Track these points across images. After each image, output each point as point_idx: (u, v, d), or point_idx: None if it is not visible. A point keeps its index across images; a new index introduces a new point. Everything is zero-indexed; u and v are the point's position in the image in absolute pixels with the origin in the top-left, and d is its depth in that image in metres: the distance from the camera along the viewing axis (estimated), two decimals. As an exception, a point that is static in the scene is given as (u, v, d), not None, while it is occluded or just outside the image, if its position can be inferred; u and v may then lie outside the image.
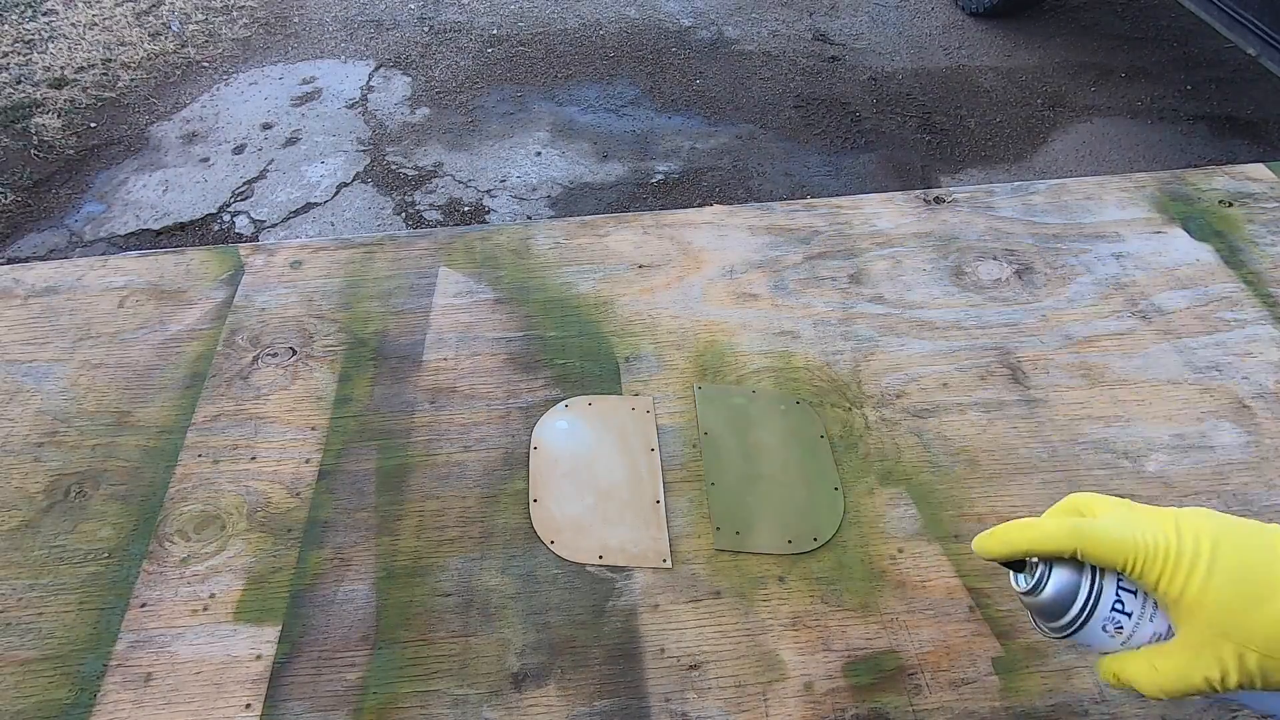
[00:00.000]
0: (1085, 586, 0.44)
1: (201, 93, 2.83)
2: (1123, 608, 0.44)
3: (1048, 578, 0.45)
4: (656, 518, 0.65)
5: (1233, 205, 0.91)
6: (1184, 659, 0.42)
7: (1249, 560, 0.41)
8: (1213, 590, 0.40)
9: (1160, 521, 0.43)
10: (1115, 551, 0.43)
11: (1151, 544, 0.42)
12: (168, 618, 0.59)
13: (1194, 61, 2.93)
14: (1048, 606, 0.45)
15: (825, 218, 0.91)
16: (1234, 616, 0.40)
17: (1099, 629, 0.44)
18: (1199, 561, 0.41)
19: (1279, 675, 0.40)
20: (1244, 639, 0.40)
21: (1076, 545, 0.44)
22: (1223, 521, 0.43)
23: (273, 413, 0.72)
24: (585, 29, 3.13)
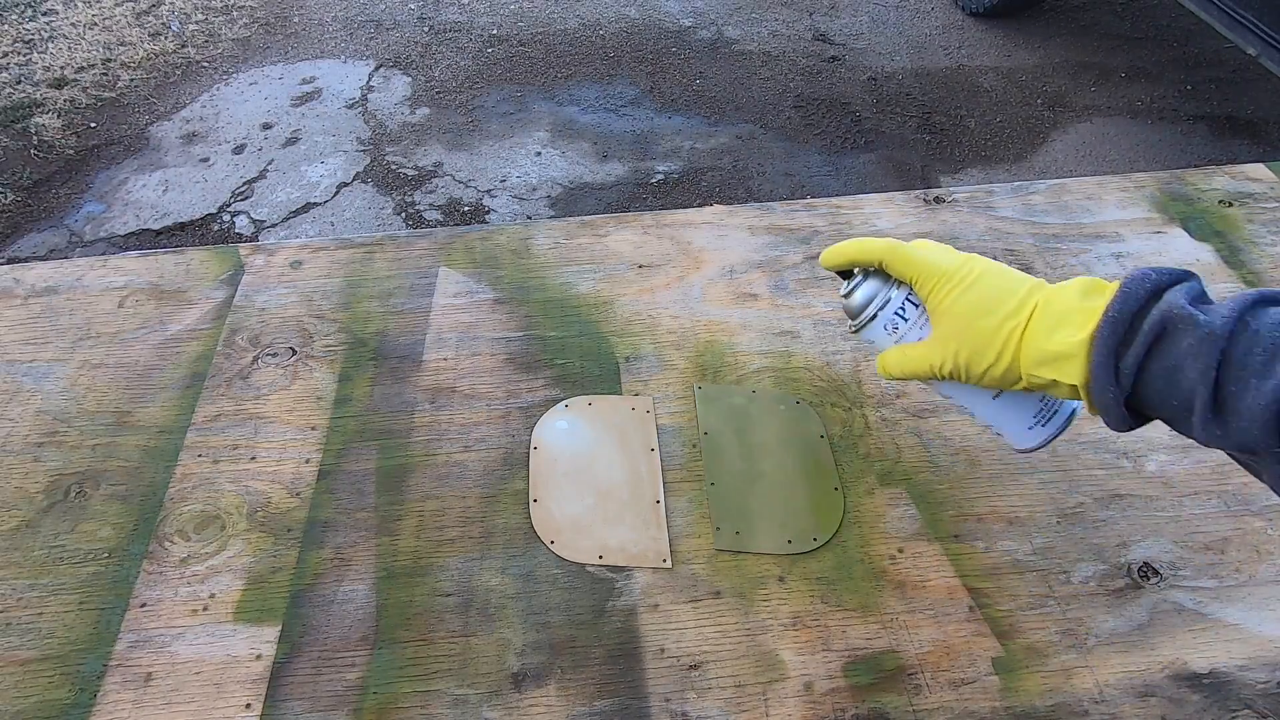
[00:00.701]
0: (882, 293, 0.56)
1: (201, 93, 2.83)
2: (903, 314, 0.56)
3: (860, 284, 0.58)
4: (656, 518, 0.65)
5: (1233, 205, 0.91)
6: (924, 349, 0.54)
7: (995, 288, 0.51)
8: (960, 304, 0.52)
9: (955, 254, 0.54)
10: (910, 267, 0.55)
11: (936, 265, 0.53)
12: (168, 618, 0.59)
13: (1194, 61, 2.93)
14: (854, 306, 0.58)
15: (825, 218, 0.91)
16: (964, 324, 0.51)
17: (881, 327, 0.57)
18: (963, 283, 0.52)
19: (976, 370, 0.51)
20: (963, 342, 0.51)
21: (883, 257, 0.56)
22: (1000, 267, 0.53)
23: (273, 413, 0.72)
24: (585, 29, 3.13)
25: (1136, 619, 0.59)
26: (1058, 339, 0.47)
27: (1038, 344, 0.48)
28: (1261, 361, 0.40)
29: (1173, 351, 0.43)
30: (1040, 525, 0.65)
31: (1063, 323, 0.47)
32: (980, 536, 0.64)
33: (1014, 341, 0.49)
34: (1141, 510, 0.65)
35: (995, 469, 0.68)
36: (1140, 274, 0.46)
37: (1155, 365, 0.44)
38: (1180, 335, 0.43)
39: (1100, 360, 0.45)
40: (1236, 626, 0.59)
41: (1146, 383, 0.44)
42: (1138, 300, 0.45)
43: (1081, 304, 0.47)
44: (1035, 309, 0.49)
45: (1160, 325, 0.43)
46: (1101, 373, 0.45)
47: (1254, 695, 0.55)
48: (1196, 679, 0.56)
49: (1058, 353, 0.47)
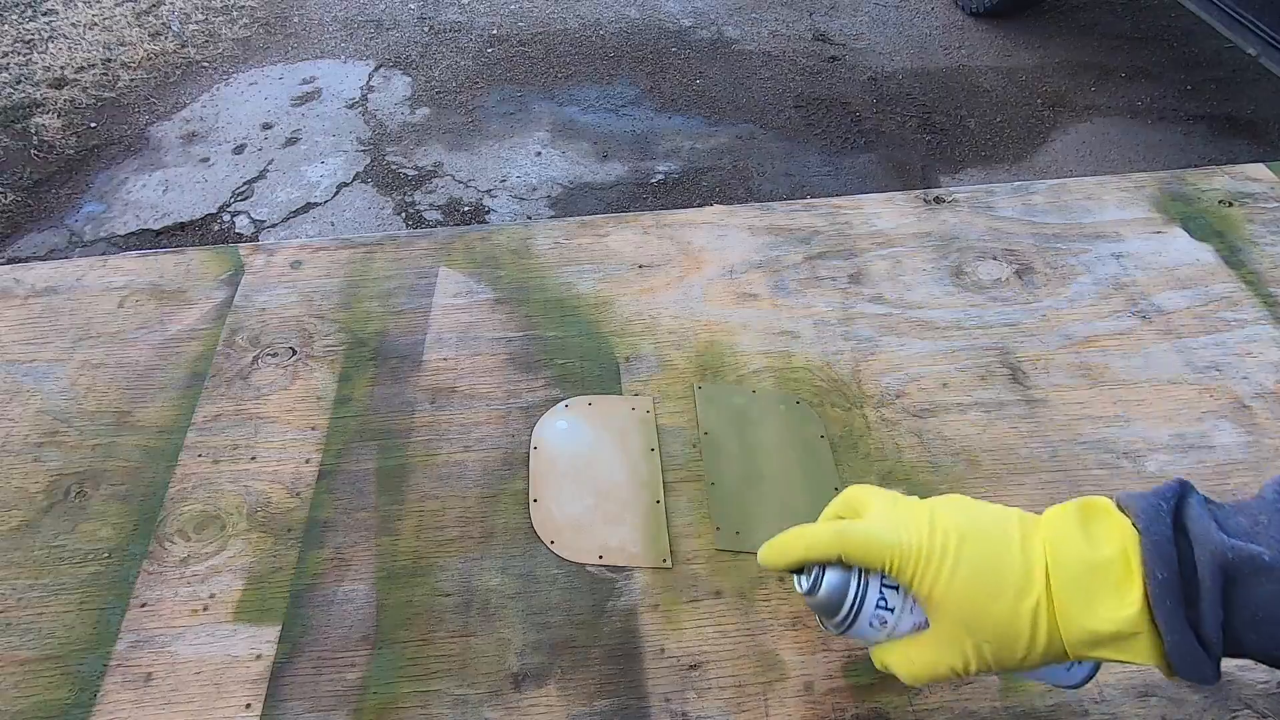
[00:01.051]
0: (853, 586, 0.47)
1: (201, 93, 2.83)
2: (886, 604, 0.47)
3: (821, 580, 0.48)
4: (656, 518, 0.65)
5: (1233, 205, 0.91)
6: (933, 650, 0.45)
7: (988, 556, 0.44)
8: (956, 587, 0.44)
9: (916, 519, 0.46)
10: (873, 554, 0.46)
11: (905, 544, 0.45)
12: (168, 618, 0.59)
13: (1194, 61, 2.93)
14: (824, 606, 0.49)
15: (825, 218, 0.91)
16: (972, 612, 0.43)
17: (867, 624, 0.48)
18: (945, 560, 0.44)
19: (1011, 662, 0.43)
20: (980, 633, 0.43)
21: (839, 550, 0.47)
22: (971, 516, 0.46)
23: (273, 413, 0.72)
24: (585, 29, 3.13)
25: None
26: (1103, 617, 0.40)
27: (1081, 625, 0.41)
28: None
29: (1253, 603, 0.38)
30: (1040, 525, 0.65)
31: (1096, 591, 0.41)
32: (980, 536, 0.64)
33: (1043, 625, 0.42)
34: (1141, 510, 0.65)
35: (995, 469, 0.68)
36: (1148, 505, 0.41)
37: (1238, 621, 0.38)
38: (1252, 583, 0.38)
39: (1179, 640, 0.39)
40: (1236, 626, 0.59)
41: (1235, 640, 0.39)
42: (1170, 542, 0.39)
43: (1098, 554, 0.41)
44: (1049, 575, 0.42)
45: (1224, 577, 0.38)
46: (1185, 652, 0.39)
47: (1254, 695, 0.55)
48: (1196, 679, 0.56)
49: (1113, 635, 0.40)
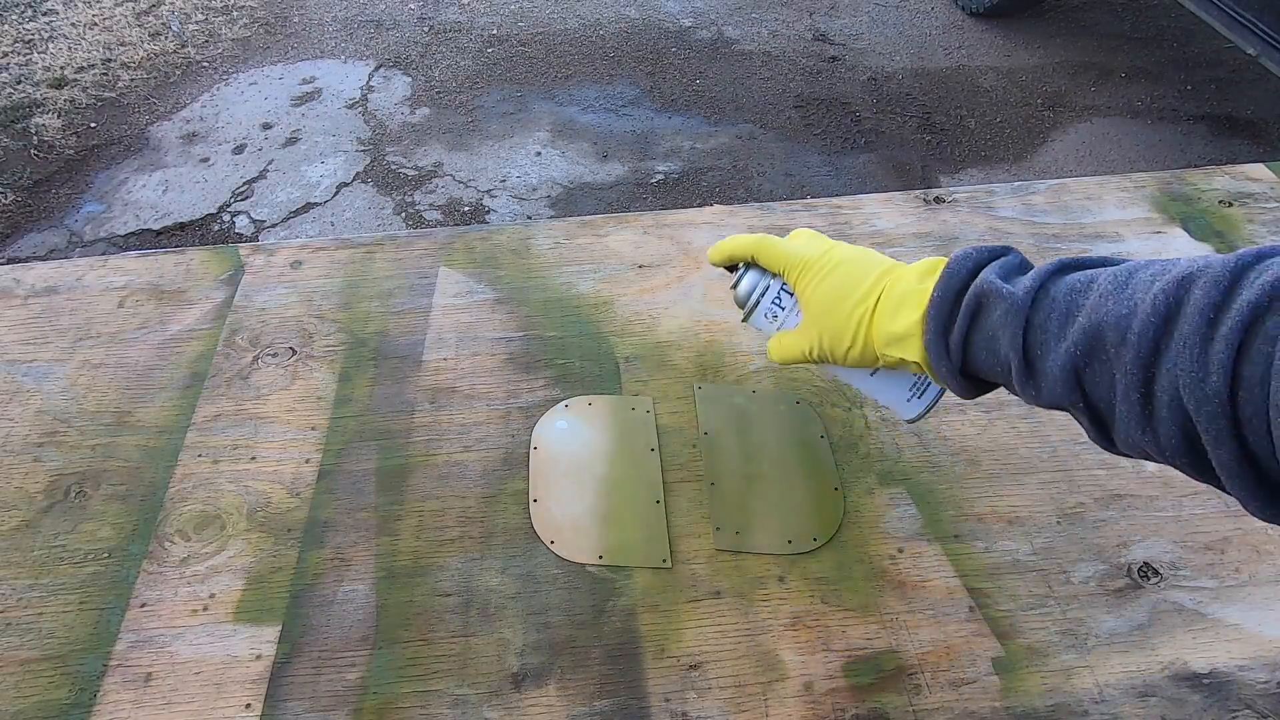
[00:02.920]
0: (760, 283, 0.60)
1: (201, 93, 2.83)
2: (780, 303, 0.60)
3: (743, 275, 0.61)
4: (656, 518, 0.65)
5: (1233, 205, 0.91)
6: (796, 338, 0.58)
7: (849, 276, 0.54)
8: (819, 292, 0.55)
9: (820, 245, 0.58)
10: (777, 259, 0.58)
11: (799, 256, 0.57)
12: (168, 618, 0.59)
13: (1194, 61, 2.93)
14: (739, 297, 0.61)
15: (825, 218, 0.91)
16: (822, 310, 0.55)
17: (763, 315, 0.60)
18: (821, 273, 0.55)
19: (839, 352, 0.54)
20: (823, 326, 0.55)
21: (754, 251, 0.60)
22: (856, 253, 0.56)
23: (273, 413, 0.72)
24: (585, 29, 3.13)
25: (1136, 619, 0.59)
26: (899, 321, 0.50)
27: (884, 326, 0.51)
28: (1058, 325, 0.43)
29: (988, 324, 0.46)
30: (1040, 525, 0.65)
31: (903, 305, 0.51)
32: (980, 536, 0.64)
33: (864, 325, 0.53)
34: (1141, 510, 0.65)
35: (995, 469, 0.68)
36: (963, 254, 0.50)
37: (976, 337, 0.47)
38: (993, 308, 0.46)
39: (930, 338, 0.49)
40: (1236, 626, 0.59)
41: (972, 354, 0.48)
42: (960, 279, 0.48)
43: (918, 286, 0.50)
44: (882, 293, 0.52)
45: (976, 301, 0.47)
46: (933, 349, 0.49)
47: (1254, 695, 0.55)
48: (1196, 679, 0.56)
49: (900, 334, 0.50)
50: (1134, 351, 0.38)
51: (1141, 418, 0.39)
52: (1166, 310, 0.38)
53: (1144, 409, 0.39)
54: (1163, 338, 0.38)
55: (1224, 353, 0.34)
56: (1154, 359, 0.38)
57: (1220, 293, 0.36)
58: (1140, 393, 0.38)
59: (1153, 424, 0.39)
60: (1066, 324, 0.42)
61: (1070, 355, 0.42)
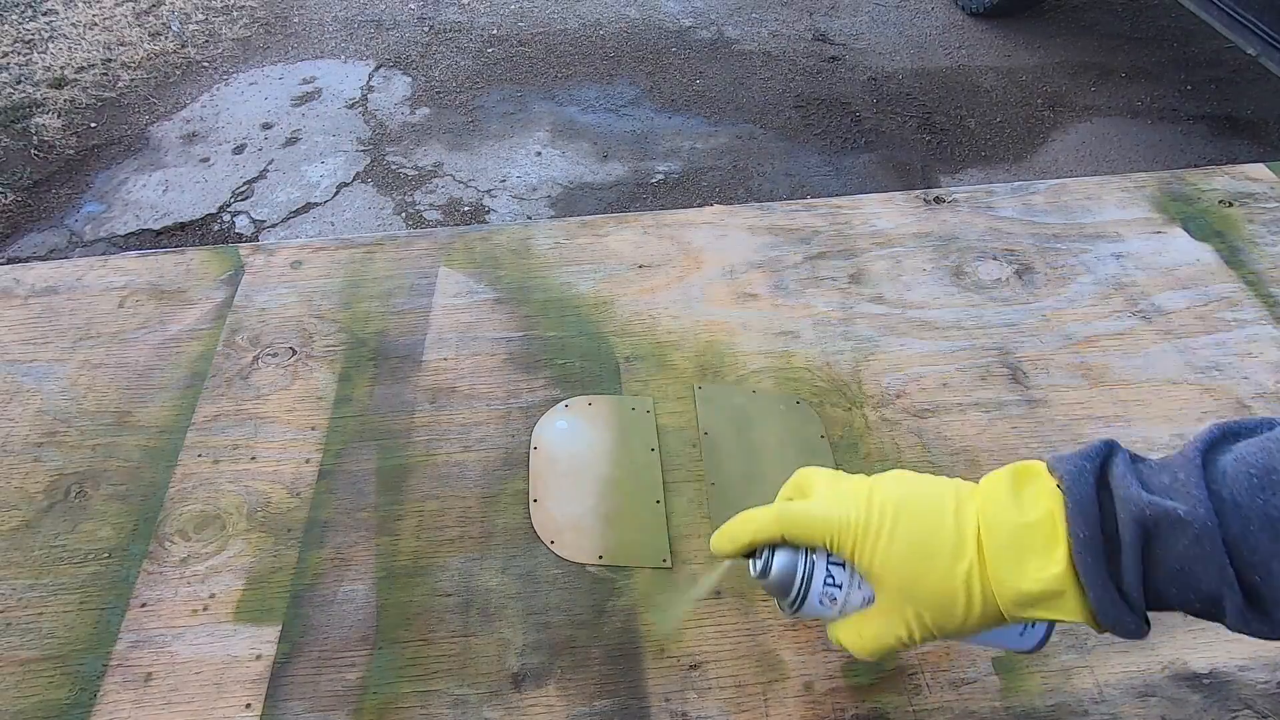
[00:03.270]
0: (800, 566, 0.48)
1: (201, 93, 2.83)
2: (834, 580, 0.48)
3: (771, 562, 0.49)
4: (656, 518, 0.65)
5: (1233, 205, 0.91)
6: (880, 623, 0.46)
7: (923, 525, 0.44)
8: (893, 558, 0.45)
9: (855, 495, 0.47)
10: (814, 532, 0.47)
11: (843, 520, 0.46)
12: (168, 618, 0.59)
13: (1194, 61, 2.93)
14: (775, 587, 0.49)
15: (825, 218, 0.91)
16: (909, 581, 0.44)
17: (817, 603, 0.48)
18: (883, 532, 0.45)
19: (951, 627, 0.44)
20: (918, 601, 0.44)
21: (782, 531, 0.48)
22: (908, 488, 0.47)
23: (273, 413, 0.72)
24: (585, 29, 3.13)
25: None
26: (1031, 577, 0.41)
27: (1011, 586, 0.42)
28: (1269, 539, 0.36)
29: (1171, 557, 0.39)
30: (1040, 525, 0.64)
31: (1024, 553, 0.42)
32: (980, 536, 0.64)
33: (976, 588, 0.43)
34: (1141, 510, 0.65)
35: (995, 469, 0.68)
36: (1073, 467, 0.42)
37: (1159, 574, 0.39)
38: (1169, 537, 0.38)
39: (1101, 595, 0.40)
40: (1236, 626, 0.59)
41: (1158, 593, 0.40)
42: (1093, 501, 0.40)
43: (1026, 517, 0.42)
44: (980, 540, 0.43)
45: (1142, 532, 0.39)
46: (1108, 607, 0.40)
47: (1254, 695, 0.55)
48: (1196, 679, 0.56)
49: (1041, 594, 0.41)
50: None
51: None
52: None
53: None
54: None
55: None
56: None
57: None
58: None
59: None
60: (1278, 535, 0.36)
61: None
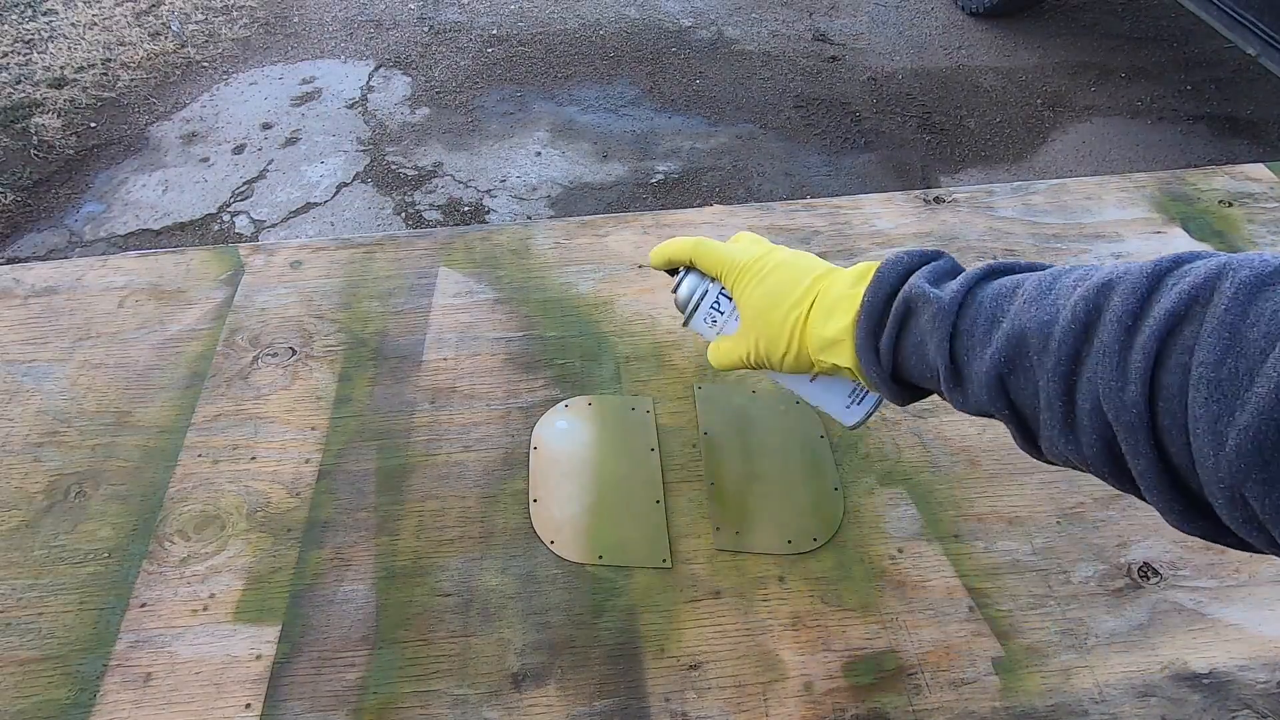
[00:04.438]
0: (699, 287, 0.59)
1: (201, 93, 2.83)
2: (719, 308, 0.59)
3: (683, 279, 0.60)
4: (656, 518, 0.65)
5: (1233, 205, 0.91)
6: (733, 343, 0.57)
7: (784, 280, 0.54)
8: (754, 296, 0.55)
9: (757, 248, 0.57)
10: (714, 263, 0.58)
11: (736, 260, 0.56)
12: (168, 618, 0.59)
13: (1194, 61, 2.93)
14: (679, 301, 0.61)
15: (825, 218, 0.91)
16: (758, 315, 0.54)
17: (702, 320, 0.60)
18: (756, 276, 0.55)
19: (775, 358, 0.54)
20: (759, 331, 0.54)
21: (691, 255, 0.59)
22: (794, 257, 0.55)
23: (273, 413, 0.72)
24: (585, 29, 3.13)
25: (1136, 619, 0.59)
26: (830, 325, 0.50)
27: (816, 331, 0.51)
28: (983, 331, 0.42)
29: (916, 329, 0.46)
30: (1040, 525, 0.65)
31: (835, 310, 0.50)
32: (980, 536, 0.64)
33: (799, 330, 0.52)
34: (1141, 510, 0.65)
35: (995, 469, 0.68)
36: (894, 258, 0.49)
37: (906, 343, 0.47)
38: (921, 313, 0.45)
39: (860, 343, 0.48)
40: (1236, 626, 0.59)
41: (902, 360, 0.47)
42: (890, 284, 0.48)
43: (850, 291, 0.50)
44: (816, 298, 0.52)
45: (905, 306, 0.46)
46: (864, 354, 0.48)
47: (1254, 695, 0.55)
48: (1196, 679, 0.56)
49: (831, 339, 0.50)
50: (1054, 359, 0.38)
51: (1064, 426, 0.38)
52: (1086, 317, 0.37)
53: (1066, 417, 0.38)
54: (1083, 345, 0.37)
55: (1141, 362, 0.34)
56: (1074, 367, 0.37)
57: (1138, 300, 0.35)
58: (1062, 400, 0.38)
59: (1075, 432, 0.38)
60: (991, 330, 0.42)
61: (994, 362, 0.41)
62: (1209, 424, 0.31)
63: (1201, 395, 0.31)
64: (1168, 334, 0.33)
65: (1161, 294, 0.35)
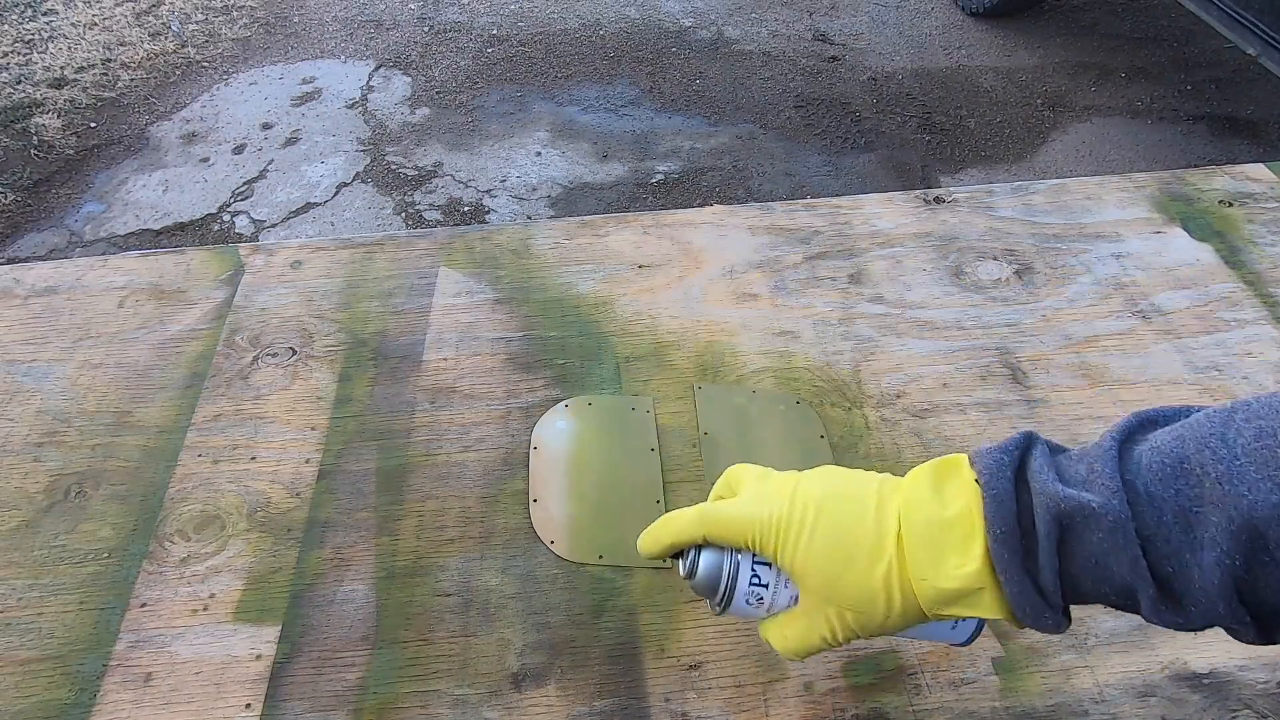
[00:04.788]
0: (726, 566, 0.47)
1: (201, 93, 2.83)
2: (759, 580, 0.47)
3: (697, 562, 0.48)
4: (656, 518, 0.65)
5: (1233, 205, 0.91)
6: (804, 623, 0.46)
7: (843, 523, 0.43)
8: (813, 557, 0.43)
9: (779, 492, 0.46)
10: (736, 532, 0.46)
11: (764, 519, 0.45)
12: (168, 618, 0.59)
13: (1194, 61, 2.93)
14: (702, 588, 0.48)
15: (825, 218, 0.91)
16: (829, 580, 0.43)
17: (744, 603, 0.48)
18: (803, 531, 0.44)
19: (873, 626, 0.44)
20: (839, 600, 0.44)
21: (703, 532, 0.47)
22: (832, 485, 0.45)
23: (273, 413, 0.72)
24: (585, 29, 3.13)
25: (1136, 619, 0.59)
26: (949, 575, 0.40)
27: (930, 584, 0.41)
28: (1181, 530, 0.35)
29: (1086, 550, 0.38)
30: (1040, 525, 0.64)
31: (943, 551, 0.41)
32: (980, 536, 0.64)
33: (896, 588, 0.42)
34: (1141, 510, 0.65)
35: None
36: (991, 461, 0.41)
37: (1075, 569, 0.38)
38: (1083, 530, 0.38)
39: (1017, 591, 0.39)
40: (1236, 626, 0.59)
41: (1074, 587, 0.39)
42: (1010, 497, 0.39)
43: (945, 513, 0.41)
44: (899, 540, 0.42)
45: (1057, 526, 0.38)
46: (1026, 603, 0.39)
47: (1254, 695, 0.55)
48: (1196, 679, 0.56)
49: (959, 591, 0.40)
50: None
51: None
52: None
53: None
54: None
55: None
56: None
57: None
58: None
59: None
60: (1192, 528, 0.35)
61: (1224, 567, 0.34)
62: None
63: None
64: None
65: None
